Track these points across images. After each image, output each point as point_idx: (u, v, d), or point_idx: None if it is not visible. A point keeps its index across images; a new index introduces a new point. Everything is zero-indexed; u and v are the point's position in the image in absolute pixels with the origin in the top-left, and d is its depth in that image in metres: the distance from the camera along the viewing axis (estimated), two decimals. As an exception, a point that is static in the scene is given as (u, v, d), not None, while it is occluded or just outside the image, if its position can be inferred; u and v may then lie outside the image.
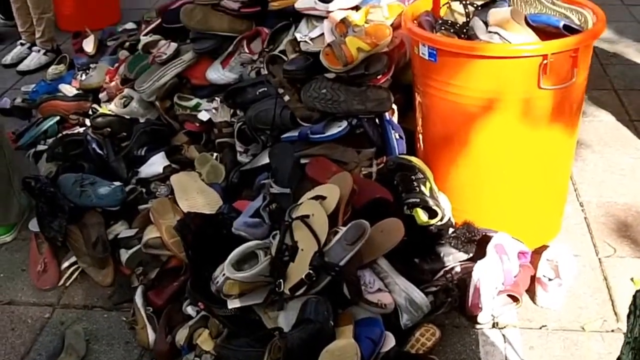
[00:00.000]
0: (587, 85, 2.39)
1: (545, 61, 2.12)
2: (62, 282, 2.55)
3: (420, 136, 2.54)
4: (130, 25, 4.30)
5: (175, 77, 3.05)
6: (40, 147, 3.22)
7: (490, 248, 2.29)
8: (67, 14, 4.85)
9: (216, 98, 2.98)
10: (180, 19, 3.05)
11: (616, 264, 2.48)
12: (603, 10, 2.34)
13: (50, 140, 3.25)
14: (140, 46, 3.28)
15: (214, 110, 2.96)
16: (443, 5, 2.56)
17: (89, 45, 4.15)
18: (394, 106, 2.65)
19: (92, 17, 4.61)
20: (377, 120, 2.62)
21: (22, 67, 4.33)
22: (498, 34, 2.28)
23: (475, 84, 2.23)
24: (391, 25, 2.67)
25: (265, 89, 2.78)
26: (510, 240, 2.34)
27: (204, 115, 2.97)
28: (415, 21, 2.47)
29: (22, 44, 4.44)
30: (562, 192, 2.60)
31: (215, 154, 2.88)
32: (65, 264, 2.59)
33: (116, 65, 3.46)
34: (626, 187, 2.90)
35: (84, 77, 3.63)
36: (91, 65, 3.66)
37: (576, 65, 2.19)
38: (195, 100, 3.04)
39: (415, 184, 2.38)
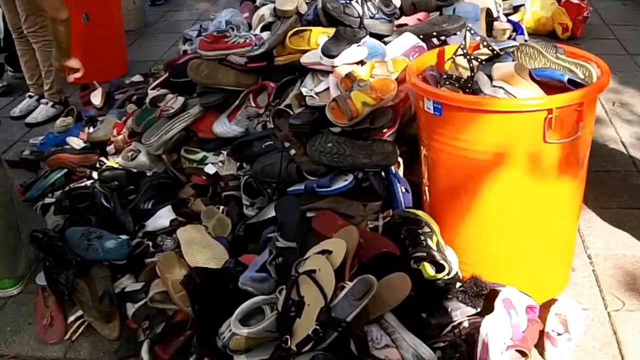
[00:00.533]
0: (593, 136, 2.40)
1: (550, 115, 2.13)
2: (68, 335, 2.53)
3: (427, 189, 2.55)
4: (137, 78, 4.37)
5: (182, 130, 3.08)
6: (48, 200, 3.23)
7: (498, 303, 2.27)
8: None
9: (223, 151, 3.00)
10: (188, 73, 3.09)
11: (625, 318, 2.45)
12: (608, 60, 2.36)
13: (57, 193, 3.27)
14: (147, 100, 3.32)
15: (220, 164, 2.98)
16: (447, 59, 2.59)
17: (96, 98, 4.19)
18: (400, 159, 2.66)
19: (100, 70, 4.66)
20: (383, 174, 2.63)
21: (30, 119, 4.37)
22: (503, 88, 2.30)
23: (480, 138, 2.24)
24: (396, 79, 2.69)
25: (272, 142, 2.80)
26: (518, 295, 2.32)
27: (210, 169, 2.98)
28: (420, 75, 2.50)
29: (30, 96, 4.49)
30: (569, 244, 2.59)
31: (221, 207, 2.89)
32: (72, 318, 2.57)
33: (124, 118, 3.49)
34: (634, 239, 2.88)
35: (91, 129, 3.67)
36: (99, 118, 3.70)
37: (581, 119, 2.20)
38: (201, 154, 3.06)
39: (422, 237, 2.38)
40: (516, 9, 3.53)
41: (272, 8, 3.34)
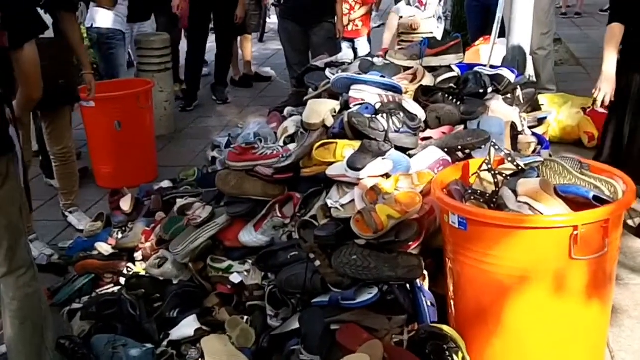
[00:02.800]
0: (621, 250, 2.38)
1: (576, 232, 2.14)
2: None
3: (452, 302, 2.53)
4: (166, 184, 4.44)
5: (208, 239, 3.12)
6: (75, 306, 3.24)
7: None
8: (106, 172, 5.02)
9: (248, 260, 3.02)
10: (216, 184, 3.16)
11: None
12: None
13: (84, 298, 3.29)
14: (175, 208, 3.38)
15: (245, 273, 2.99)
16: (472, 174, 2.62)
17: (126, 203, 4.26)
18: (425, 272, 2.65)
19: (130, 175, 4.76)
20: (408, 287, 2.62)
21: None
22: (528, 204, 2.31)
23: (506, 254, 2.25)
24: (421, 192, 2.72)
25: (297, 253, 2.82)
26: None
27: (235, 278, 3.00)
28: (444, 189, 2.53)
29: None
30: (598, 361, 2.54)
31: (245, 317, 2.88)
32: None
33: (152, 226, 3.55)
34: (666, 355, 2.81)
35: (120, 235, 3.72)
36: (128, 225, 3.75)
37: (607, 236, 2.20)
38: (227, 263, 3.08)
39: (447, 353, 2.35)
40: (541, 121, 3.58)
41: (296, 120, 3.45)
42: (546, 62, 5.80)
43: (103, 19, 5.53)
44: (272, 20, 9.62)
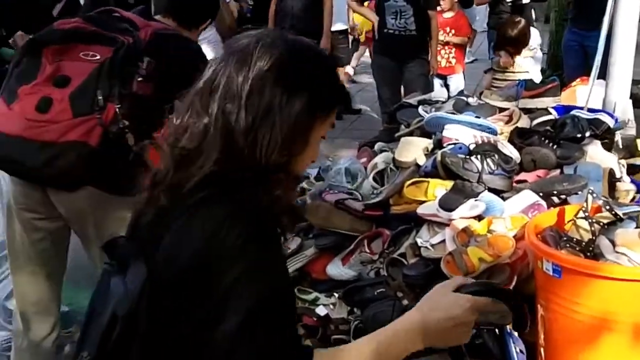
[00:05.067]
0: None
1: (677, 287, 2.06)
2: None
3: (542, 350, 2.47)
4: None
5: (296, 270, 3.15)
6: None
7: None
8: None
9: (334, 294, 3.03)
10: (306, 215, 3.20)
11: None
12: None
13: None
14: (265, 238, 3.42)
15: (331, 306, 3.00)
16: (568, 221, 2.56)
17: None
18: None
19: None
20: (497, 332, 2.58)
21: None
22: (626, 255, 2.25)
23: (601, 305, 2.18)
24: (514, 236, 2.68)
25: (384, 290, 2.82)
26: None
27: (321, 310, 3.01)
28: (539, 235, 2.48)
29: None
30: None
31: (330, 351, 2.89)
32: None
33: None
34: None
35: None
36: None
37: None
38: (314, 294, 3.10)
39: (536, 403, 2.29)
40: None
41: (386, 157, 3.45)
42: (647, 107, 5.64)
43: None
44: (365, 53, 9.73)
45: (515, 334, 2.59)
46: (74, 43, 2.32)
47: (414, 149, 3.29)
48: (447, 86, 6.45)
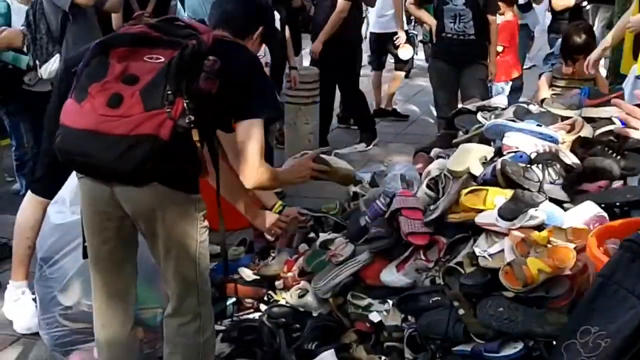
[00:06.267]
0: None
1: None
2: None
3: (600, 365, 2.42)
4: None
5: (350, 276, 3.15)
6: (217, 327, 3.34)
7: None
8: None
9: (388, 300, 3.02)
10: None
11: None
12: None
13: (226, 321, 3.39)
14: (318, 243, 3.45)
15: (385, 313, 2.99)
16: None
17: (267, 231, 4.36)
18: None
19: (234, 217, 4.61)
20: (554, 343, 2.53)
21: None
22: (693, 271, 2.18)
23: (666, 322, 2.12)
24: (574, 248, 2.63)
25: (439, 298, 2.79)
26: None
27: (375, 317, 3.00)
28: (601, 247, 2.43)
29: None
30: None
31: (383, 358, 2.87)
32: None
33: (295, 256, 3.61)
34: None
35: (261, 262, 3.81)
36: (271, 253, 3.84)
37: None
38: (367, 300, 3.09)
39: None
40: None
41: (442, 164, 3.41)
42: None
43: None
44: (419, 56, 9.66)
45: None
46: (139, 47, 2.38)
47: (469, 157, 3.25)
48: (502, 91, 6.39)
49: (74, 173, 2.78)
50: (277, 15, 5.20)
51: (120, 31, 2.51)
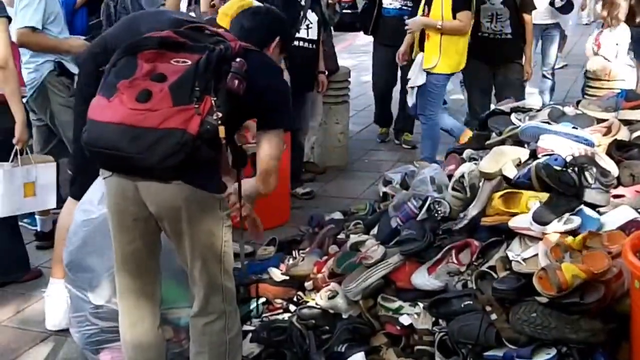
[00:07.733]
0: None
1: None
2: None
3: (636, 372, 2.38)
4: (337, 215, 4.50)
5: (380, 278, 3.13)
6: (247, 327, 3.34)
7: None
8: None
9: (419, 303, 2.99)
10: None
11: None
12: None
13: (255, 321, 3.39)
14: (349, 244, 3.43)
15: (415, 316, 2.97)
16: (670, 241, 2.45)
17: (298, 231, 4.37)
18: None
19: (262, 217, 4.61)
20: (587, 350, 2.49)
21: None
22: None
23: None
24: (609, 253, 2.59)
25: (471, 302, 2.76)
26: None
27: (405, 319, 2.97)
28: (637, 253, 2.39)
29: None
30: None
31: (414, 361, 2.86)
32: None
33: (324, 257, 3.61)
34: None
35: (291, 262, 3.80)
36: (301, 253, 3.84)
37: None
38: (398, 303, 3.06)
39: None
40: None
41: (472, 166, 3.37)
42: None
43: None
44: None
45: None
46: (166, 50, 2.40)
47: (503, 159, 3.21)
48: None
49: (99, 179, 2.79)
50: (314, 17, 5.22)
51: (147, 35, 2.52)
